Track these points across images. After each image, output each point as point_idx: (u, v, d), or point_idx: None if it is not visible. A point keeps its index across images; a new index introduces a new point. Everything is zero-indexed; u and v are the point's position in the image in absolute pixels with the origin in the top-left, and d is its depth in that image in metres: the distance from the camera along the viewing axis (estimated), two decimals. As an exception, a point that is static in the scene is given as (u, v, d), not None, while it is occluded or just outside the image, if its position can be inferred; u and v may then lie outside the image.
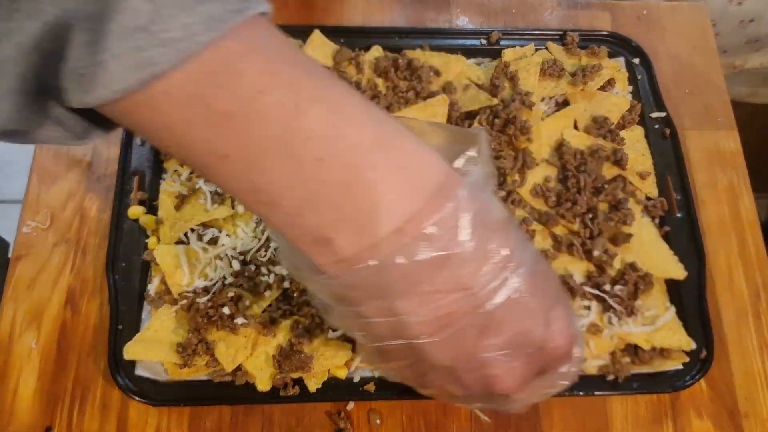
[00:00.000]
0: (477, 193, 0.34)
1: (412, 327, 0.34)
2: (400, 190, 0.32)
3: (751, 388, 0.65)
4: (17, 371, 0.60)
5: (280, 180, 0.31)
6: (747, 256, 0.71)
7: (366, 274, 0.33)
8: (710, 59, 0.81)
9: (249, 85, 0.29)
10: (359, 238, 0.32)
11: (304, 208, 0.32)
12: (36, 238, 0.66)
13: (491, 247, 0.34)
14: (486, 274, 0.34)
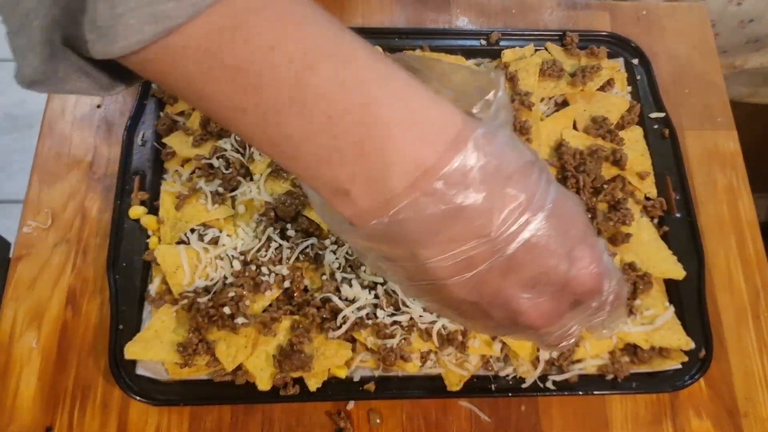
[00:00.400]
0: (491, 139, 0.34)
1: (435, 271, 0.35)
2: (414, 145, 0.32)
3: (751, 388, 0.65)
4: (18, 371, 0.61)
5: (295, 135, 0.32)
6: (746, 256, 0.71)
7: (382, 228, 0.34)
8: (710, 59, 0.82)
9: (259, 40, 0.30)
10: (374, 192, 0.33)
11: (320, 161, 0.33)
12: (37, 238, 0.66)
13: (508, 193, 0.34)
14: (503, 221, 0.34)
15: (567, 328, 0.41)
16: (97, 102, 0.73)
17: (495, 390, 0.60)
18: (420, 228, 0.33)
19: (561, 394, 0.60)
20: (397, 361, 0.59)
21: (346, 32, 0.33)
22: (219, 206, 0.64)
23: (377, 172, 0.32)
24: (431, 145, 0.33)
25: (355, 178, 0.33)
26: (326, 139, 0.32)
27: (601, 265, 0.38)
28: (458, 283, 0.36)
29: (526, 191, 0.34)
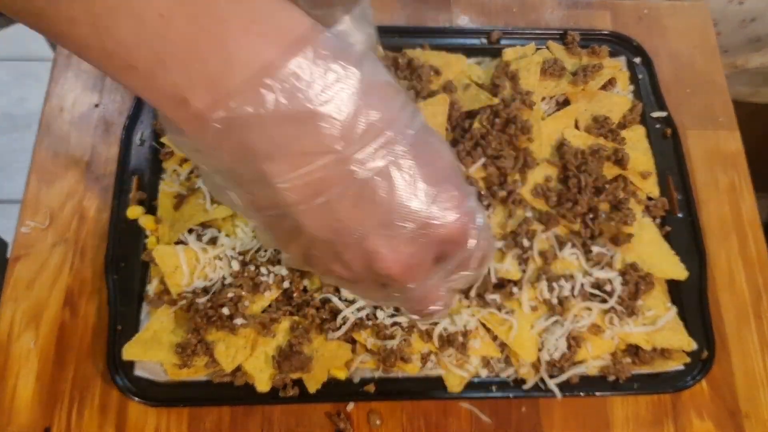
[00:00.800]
0: (344, 48, 0.32)
1: (284, 194, 0.32)
2: (253, 43, 0.30)
3: (752, 389, 0.65)
4: (16, 372, 0.60)
5: (128, 40, 0.30)
6: (748, 256, 0.70)
7: (223, 132, 0.31)
8: (711, 59, 0.81)
9: None
10: (212, 93, 0.30)
11: (156, 68, 0.30)
12: (35, 238, 0.65)
13: (364, 108, 0.31)
14: (357, 138, 0.31)
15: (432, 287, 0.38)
16: (95, 101, 0.73)
17: (496, 391, 0.60)
18: (263, 132, 0.31)
19: (562, 395, 0.60)
20: (397, 362, 0.59)
21: None
22: (217, 206, 0.64)
23: (216, 73, 0.30)
24: (272, 43, 0.30)
25: (193, 83, 0.30)
26: (160, 42, 0.30)
27: (464, 207, 0.35)
28: (309, 212, 0.33)
29: (387, 112, 0.32)
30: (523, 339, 0.60)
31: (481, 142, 0.68)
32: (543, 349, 0.61)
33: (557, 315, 0.62)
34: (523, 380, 0.60)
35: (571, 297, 0.62)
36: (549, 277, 0.63)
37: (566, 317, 0.61)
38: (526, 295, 0.62)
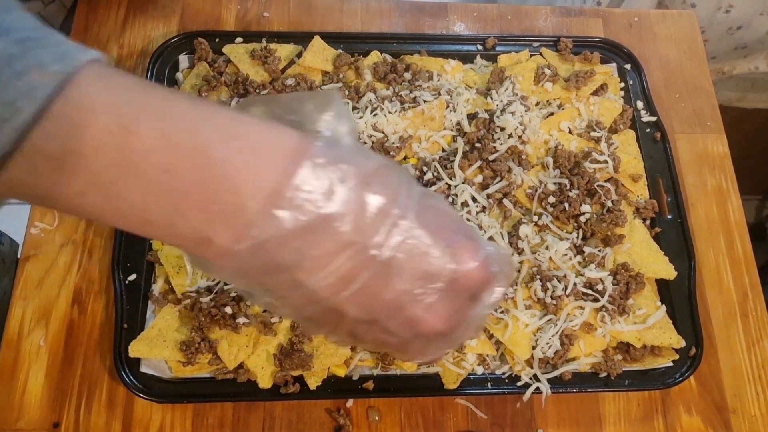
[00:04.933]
0: (334, 148, 0.34)
1: (319, 291, 0.35)
2: (257, 172, 0.32)
3: (739, 385, 0.66)
4: (26, 368, 0.62)
5: (139, 200, 0.31)
6: (735, 256, 0.72)
7: (249, 257, 0.33)
8: (699, 65, 0.83)
9: (70, 123, 0.30)
10: (233, 228, 0.32)
11: (173, 218, 0.32)
12: (44, 239, 0.67)
13: (368, 197, 0.34)
14: (369, 225, 0.34)
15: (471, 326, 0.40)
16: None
17: (491, 388, 0.62)
18: (288, 248, 0.33)
19: (556, 391, 0.61)
20: (395, 360, 0.60)
21: (157, 87, 0.34)
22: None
23: (230, 208, 0.32)
24: (272, 166, 0.32)
25: (212, 223, 0.32)
26: (171, 194, 0.31)
27: (482, 253, 0.38)
28: (346, 300, 0.35)
29: (387, 192, 0.34)
30: (517, 337, 0.62)
31: (476, 145, 0.69)
32: (537, 347, 0.62)
33: (551, 314, 0.63)
34: (518, 377, 0.62)
35: (564, 296, 0.64)
36: (543, 277, 0.64)
37: (559, 316, 0.63)
38: (521, 295, 0.64)
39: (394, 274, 0.35)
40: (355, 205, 0.33)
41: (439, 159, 0.69)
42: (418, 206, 0.36)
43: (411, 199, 0.36)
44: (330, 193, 0.33)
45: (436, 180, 0.67)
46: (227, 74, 0.73)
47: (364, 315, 0.36)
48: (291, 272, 0.34)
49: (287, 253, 0.33)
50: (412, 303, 0.36)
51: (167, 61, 0.74)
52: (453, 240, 0.37)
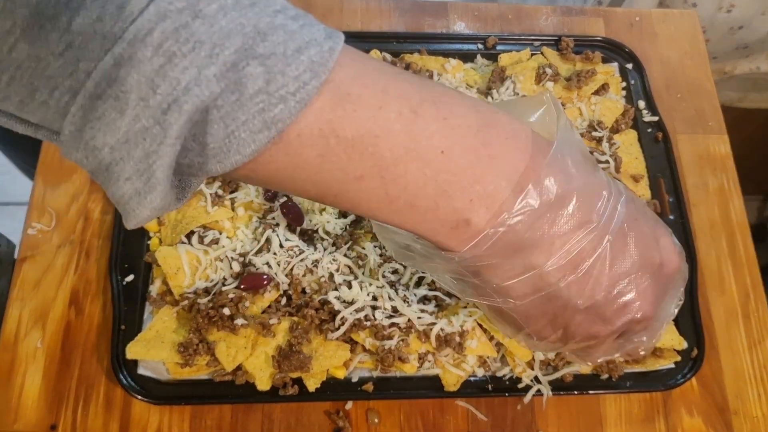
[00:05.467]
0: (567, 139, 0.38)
1: (551, 274, 0.37)
2: (511, 157, 0.35)
3: (741, 386, 0.66)
4: (23, 370, 0.61)
5: (415, 182, 0.33)
6: (737, 257, 0.72)
7: (498, 240, 0.36)
8: (701, 65, 0.83)
9: (367, 105, 0.31)
10: (490, 209, 0.35)
11: (439, 200, 0.34)
12: (41, 239, 0.66)
13: (594, 183, 0.38)
14: (598, 207, 0.37)
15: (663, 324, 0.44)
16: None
17: (492, 390, 0.62)
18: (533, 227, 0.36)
19: (557, 393, 0.61)
20: (395, 362, 0.60)
21: (423, 77, 0.37)
22: (219, 208, 0.65)
23: (492, 188, 0.34)
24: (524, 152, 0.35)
25: (474, 204, 0.35)
26: (444, 175, 0.34)
27: (675, 243, 0.43)
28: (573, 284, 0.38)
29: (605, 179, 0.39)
30: (518, 338, 0.62)
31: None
32: (537, 348, 0.62)
33: (551, 315, 0.63)
34: (519, 379, 0.62)
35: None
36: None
37: (560, 317, 0.63)
38: (521, 296, 0.63)
39: (617, 257, 0.38)
40: (587, 189, 0.37)
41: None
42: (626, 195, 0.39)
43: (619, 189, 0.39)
44: (569, 178, 0.36)
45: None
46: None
47: (585, 301, 0.39)
48: (528, 254, 0.37)
49: (531, 233, 0.36)
50: (628, 287, 0.39)
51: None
52: (656, 228, 0.41)
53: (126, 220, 0.31)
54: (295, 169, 0.32)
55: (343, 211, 0.68)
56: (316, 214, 0.65)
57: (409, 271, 0.63)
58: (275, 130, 0.29)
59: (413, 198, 0.34)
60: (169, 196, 0.30)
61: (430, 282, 0.63)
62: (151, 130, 0.27)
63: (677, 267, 0.42)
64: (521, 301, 0.39)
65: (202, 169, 0.31)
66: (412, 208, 0.34)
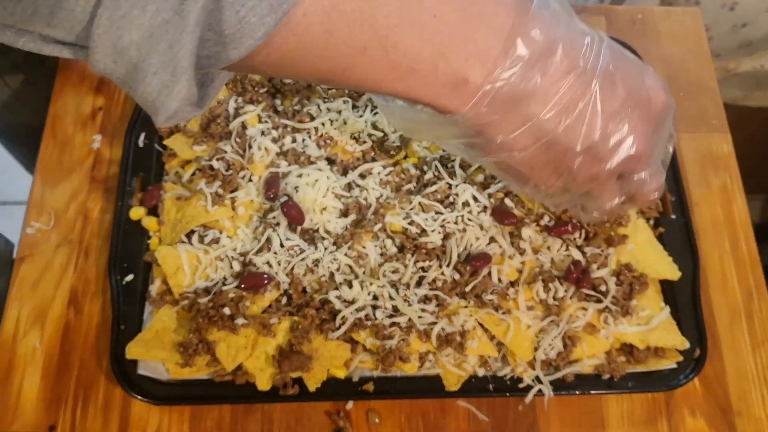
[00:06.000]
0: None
1: (548, 122, 0.40)
2: (498, 13, 0.37)
3: (744, 387, 0.66)
4: (21, 370, 0.61)
5: (413, 46, 0.36)
6: (740, 256, 0.72)
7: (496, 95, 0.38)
8: (704, 63, 0.83)
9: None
10: (485, 66, 0.37)
11: (437, 62, 0.36)
12: (40, 239, 0.66)
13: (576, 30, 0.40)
14: (583, 52, 0.40)
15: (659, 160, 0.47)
16: (99, 104, 0.74)
17: (493, 390, 0.61)
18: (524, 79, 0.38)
19: (558, 393, 0.61)
20: (395, 361, 0.60)
21: None
22: (219, 207, 0.65)
23: (484, 45, 0.37)
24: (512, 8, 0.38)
25: (469, 61, 0.37)
26: (439, 37, 0.36)
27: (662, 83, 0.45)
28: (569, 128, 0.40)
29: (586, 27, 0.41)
30: (519, 339, 0.61)
31: (478, 144, 0.69)
32: (539, 349, 0.61)
33: (553, 315, 0.63)
34: (520, 379, 0.61)
35: (567, 297, 0.63)
36: (545, 277, 0.64)
37: (562, 317, 0.62)
38: (523, 296, 0.63)
39: (606, 99, 0.40)
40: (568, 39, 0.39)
41: (440, 158, 0.68)
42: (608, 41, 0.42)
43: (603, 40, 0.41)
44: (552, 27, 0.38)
45: (436, 179, 0.67)
46: (226, 72, 0.72)
47: (581, 143, 0.41)
48: (524, 106, 0.39)
49: (525, 84, 0.38)
50: (620, 125, 0.42)
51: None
52: (640, 72, 0.43)
53: (156, 116, 0.33)
54: (305, 49, 0.34)
55: (352, 90, 0.70)
56: (316, 213, 0.65)
57: (410, 271, 0.62)
58: (281, 12, 0.31)
59: (413, 63, 0.36)
60: (194, 88, 0.32)
61: (431, 281, 0.62)
62: (171, 21, 0.29)
63: (664, 101, 0.44)
64: (524, 152, 0.42)
65: (220, 58, 0.32)
66: (414, 73, 0.37)
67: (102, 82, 0.74)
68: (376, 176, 0.67)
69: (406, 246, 0.64)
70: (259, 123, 0.69)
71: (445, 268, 0.63)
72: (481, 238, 0.64)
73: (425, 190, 0.66)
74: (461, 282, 0.62)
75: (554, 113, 0.40)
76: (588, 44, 0.40)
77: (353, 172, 0.67)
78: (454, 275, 0.63)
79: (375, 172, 0.67)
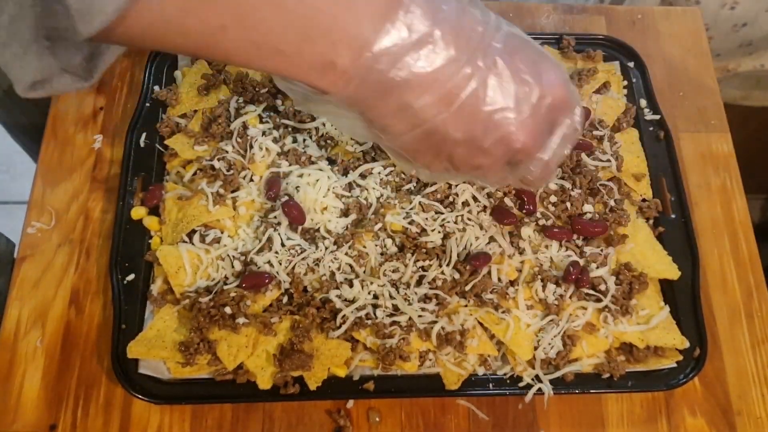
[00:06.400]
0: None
1: (424, 110, 0.39)
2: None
3: (744, 387, 0.66)
4: (22, 370, 0.61)
5: (275, 29, 0.35)
6: (740, 256, 0.72)
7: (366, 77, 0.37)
8: (704, 63, 0.83)
9: None
10: (353, 47, 0.36)
11: (303, 45, 0.36)
12: (41, 238, 0.66)
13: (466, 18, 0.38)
14: (470, 42, 0.38)
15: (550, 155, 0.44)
16: (100, 104, 0.74)
17: (493, 389, 0.61)
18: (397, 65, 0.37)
19: (558, 392, 0.61)
20: (396, 360, 0.60)
21: None
22: (220, 207, 0.65)
23: (351, 29, 0.36)
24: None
25: (336, 46, 0.36)
26: (302, 20, 0.35)
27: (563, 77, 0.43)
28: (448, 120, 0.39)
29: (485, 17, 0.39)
30: (519, 337, 0.61)
31: (478, 144, 0.69)
32: (539, 348, 0.61)
33: (553, 314, 0.63)
34: (520, 378, 0.61)
35: (566, 296, 0.63)
36: (544, 277, 0.64)
37: (561, 316, 0.62)
38: (522, 295, 0.63)
39: (490, 93, 0.39)
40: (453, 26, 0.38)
41: (440, 158, 0.68)
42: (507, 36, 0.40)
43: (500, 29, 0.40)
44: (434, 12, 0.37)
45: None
46: (226, 72, 0.72)
47: (462, 134, 0.40)
48: (400, 93, 0.38)
49: (397, 72, 0.37)
50: (505, 119, 0.40)
51: (166, 59, 0.74)
52: (537, 64, 0.42)
53: (16, 86, 0.33)
54: (163, 25, 0.34)
55: (224, 64, 0.70)
56: (317, 213, 0.65)
57: (410, 270, 0.62)
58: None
59: (277, 44, 0.36)
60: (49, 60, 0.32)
61: (431, 281, 0.62)
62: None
63: (562, 98, 0.43)
64: (401, 138, 0.41)
65: (75, 32, 0.32)
66: (279, 53, 0.36)
67: (103, 82, 0.75)
68: (377, 176, 0.67)
69: (407, 245, 0.64)
70: (260, 123, 0.70)
71: (445, 267, 0.63)
72: (480, 237, 0.64)
73: (425, 190, 0.66)
74: (461, 281, 0.63)
75: (431, 102, 0.39)
76: (481, 33, 0.39)
77: (354, 172, 0.67)
78: (453, 274, 0.63)
79: (375, 172, 0.68)
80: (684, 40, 0.84)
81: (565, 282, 0.63)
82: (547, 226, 0.66)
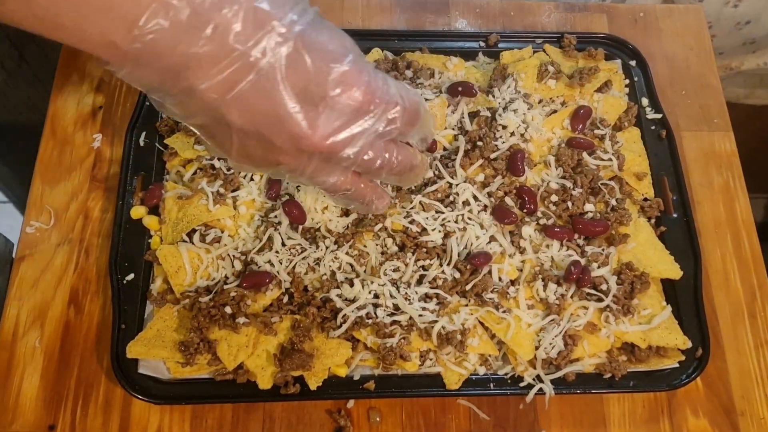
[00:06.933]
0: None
1: (206, 94, 0.38)
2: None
3: (747, 387, 0.65)
4: (21, 370, 0.61)
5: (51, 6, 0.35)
6: (743, 255, 0.71)
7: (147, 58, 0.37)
8: (706, 61, 0.82)
9: None
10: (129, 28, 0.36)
11: (82, 23, 0.36)
12: (39, 238, 0.66)
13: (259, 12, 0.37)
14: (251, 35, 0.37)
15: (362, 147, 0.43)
16: (99, 103, 0.74)
17: (493, 388, 0.61)
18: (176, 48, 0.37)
19: (559, 392, 0.61)
20: (396, 360, 0.60)
21: None
22: (220, 207, 0.65)
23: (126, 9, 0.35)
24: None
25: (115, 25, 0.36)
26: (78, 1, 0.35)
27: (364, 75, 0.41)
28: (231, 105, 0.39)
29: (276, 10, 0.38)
30: (520, 337, 0.61)
31: (478, 143, 0.68)
32: (540, 347, 0.61)
33: (554, 314, 0.62)
34: (521, 378, 0.61)
35: (567, 296, 0.63)
36: (545, 276, 0.63)
37: (562, 316, 0.62)
38: (523, 294, 0.63)
39: (274, 86, 0.38)
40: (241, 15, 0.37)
41: (441, 158, 0.68)
42: (306, 28, 0.39)
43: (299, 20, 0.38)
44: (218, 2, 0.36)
45: (437, 179, 0.67)
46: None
47: (247, 126, 0.40)
48: (184, 76, 0.38)
49: (176, 56, 0.37)
50: (292, 117, 0.39)
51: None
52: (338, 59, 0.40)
53: None
54: None
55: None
56: (318, 212, 0.65)
57: (410, 269, 0.62)
58: None
59: (57, 18, 0.36)
60: None
61: (432, 280, 0.62)
62: None
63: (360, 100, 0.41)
64: (188, 120, 0.41)
65: None
66: (62, 28, 0.36)
67: (102, 81, 0.74)
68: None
69: (407, 245, 0.64)
70: (259, 122, 0.69)
71: (446, 266, 0.63)
72: (481, 236, 0.64)
73: (426, 189, 0.66)
74: (462, 280, 0.62)
75: (211, 86, 0.38)
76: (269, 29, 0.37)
77: (354, 171, 0.67)
78: (454, 274, 0.63)
79: (376, 170, 0.67)
80: (686, 38, 0.83)
81: (567, 281, 0.63)
82: (548, 226, 0.66)
